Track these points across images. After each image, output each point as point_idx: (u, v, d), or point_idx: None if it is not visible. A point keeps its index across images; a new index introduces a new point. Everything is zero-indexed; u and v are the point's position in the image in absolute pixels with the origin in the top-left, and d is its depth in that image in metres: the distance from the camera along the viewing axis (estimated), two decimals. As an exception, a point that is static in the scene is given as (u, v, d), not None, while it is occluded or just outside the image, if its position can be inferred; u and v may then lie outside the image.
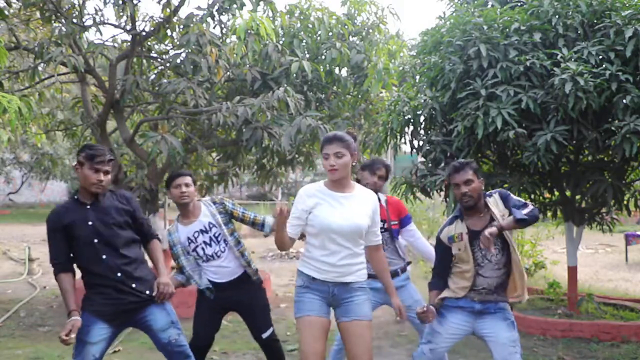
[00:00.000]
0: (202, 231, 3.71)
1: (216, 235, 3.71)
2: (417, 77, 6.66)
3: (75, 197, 3.20)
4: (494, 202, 3.23)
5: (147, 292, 3.19)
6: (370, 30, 8.21)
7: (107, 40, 7.19)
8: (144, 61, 7.57)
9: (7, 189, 23.40)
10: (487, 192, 3.34)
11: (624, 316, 6.08)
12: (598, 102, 4.83)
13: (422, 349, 3.30)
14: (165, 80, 6.85)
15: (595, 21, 5.26)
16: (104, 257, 3.11)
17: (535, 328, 5.86)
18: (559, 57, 4.95)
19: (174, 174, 3.79)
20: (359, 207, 3.08)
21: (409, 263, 4.01)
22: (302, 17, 7.85)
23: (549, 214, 6.52)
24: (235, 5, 6.38)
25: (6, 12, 6.73)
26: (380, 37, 8.25)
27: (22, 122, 5.35)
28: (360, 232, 3.05)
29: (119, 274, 3.12)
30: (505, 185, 5.61)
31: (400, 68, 7.46)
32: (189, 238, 3.71)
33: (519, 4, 5.86)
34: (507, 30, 5.32)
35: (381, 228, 3.47)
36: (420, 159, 6.32)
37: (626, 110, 4.84)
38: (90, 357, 3.03)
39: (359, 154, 8.95)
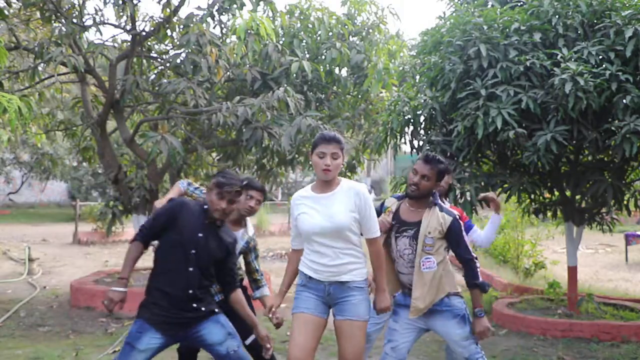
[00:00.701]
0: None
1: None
2: (417, 77, 6.66)
3: (206, 207, 3.19)
4: (437, 216, 3.15)
5: (203, 308, 3.14)
6: (370, 30, 8.21)
7: (107, 40, 7.20)
8: (144, 61, 7.57)
9: (7, 189, 23.35)
10: (451, 211, 3.26)
11: (624, 316, 6.08)
12: (598, 102, 4.83)
13: (385, 350, 3.29)
14: (165, 80, 6.85)
15: (595, 21, 5.26)
16: (190, 269, 3.07)
17: (535, 328, 5.86)
18: (559, 57, 4.95)
19: (252, 184, 3.69)
20: (340, 205, 3.02)
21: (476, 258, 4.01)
22: (302, 17, 7.86)
23: (549, 214, 6.53)
24: (235, 5, 6.38)
25: (6, 12, 6.73)
26: (380, 37, 8.25)
27: (22, 122, 5.35)
28: (343, 230, 3.00)
29: (190, 291, 3.07)
30: (505, 185, 5.62)
31: (400, 68, 7.47)
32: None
33: (519, 4, 5.86)
34: (507, 30, 5.32)
35: None
36: (420, 159, 6.31)
37: (626, 110, 4.84)
38: None
39: (360, 154, 8.97)
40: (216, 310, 3.19)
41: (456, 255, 3.22)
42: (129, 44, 7.25)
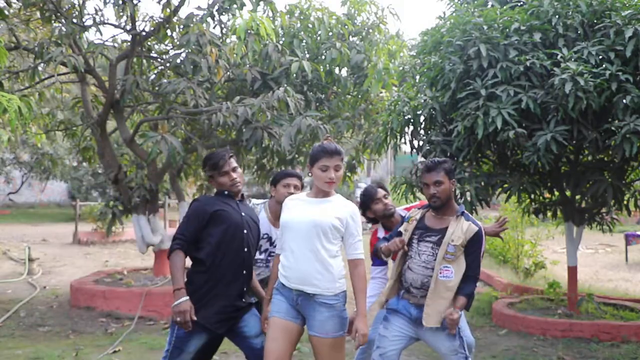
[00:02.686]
0: (269, 239, 3.64)
1: (271, 251, 3.63)
2: (417, 77, 6.66)
3: (224, 192, 3.25)
4: (462, 225, 3.13)
5: (249, 296, 3.23)
6: (370, 30, 8.22)
7: (107, 40, 7.20)
8: (144, 61, 7.57)
9: (7, 189, 23.36)
10: (472, 217, 3.25)
11: (624, 316, 6.08)
12: (598, 102, 4.83)
13: (373, 356, 3.26)
14: (165, 80, 6.85)
15: (595, 21, 5.26)
16: (245, 249, 3.14)
17: (535, 328, 5.86)
18: (559, 57, 4.95)
19: (286, 172, 3.73)
20: (326, 209, 2.99)
21: None
22: (302, 17, 7.86)
23: (549, 214, 6.53)
24: (235, 5, 6.38)
25: (6, 12, 6.73)
26: (380, 37, 8.25)
27: (22, 122, 5.34)
28: (317, 230, 2.93)
29: (244, 272, 3.14)
30: (505, 185, 5.62)
31: (400, 68, 7.47)
32: (263, 234, 3.60)
33: (519, 4, 5.86)
34: (507, 30, 5.32)
35: None
36: (420, 159, 6.32)
37: (626, 110, 4.84)
38: None
39: (360, 154, 8.97)
40: (252, 301, 3.26)
41: (465, 266, 3.13)
42: (129, 44, 7.24)
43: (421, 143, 6.21)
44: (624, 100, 4.84)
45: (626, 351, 5.28)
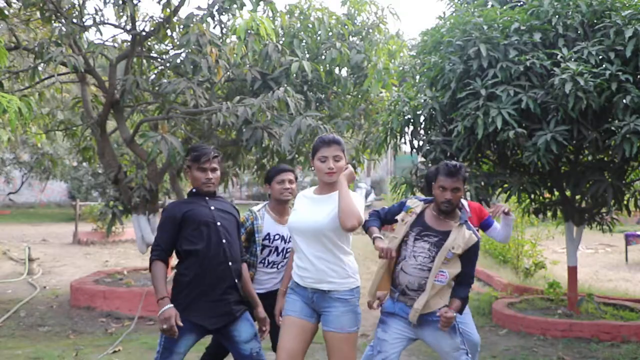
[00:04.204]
0: (283, 238, 3.59)
1: (287, 250, 3.60)
2: (417, 77, 6.66)
3: (193, 191, 3.25)
4: (464, 234, 3.09)
5: (241, 294, 3.19)
6: (370, 30, 8.21)
7: (107, 40, 7.20)
8: (144, 61, 7.57)
9: (7, 189, 23.35)
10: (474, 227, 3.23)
11: (624, 316, 6.08)
12: (598, 102, 4.83)
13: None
14: (165, 80, 6.85)
15: (595, 21, 5.26)
16: (224, 240, 3.11)
17: (535, 328, 5.86)
18: (559, 57, 4.95)
19: (279, 168, 3.70)
20: (332, 209, 2.96)
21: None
22: (302, 17, 7.85)
23: (549, 214, 6.53)
24: (235, 5, 6.38)
25: (6, 12, 6.73)
26: (380, 37, 8.25)
27: (22, 122, 5.35)
28: (322, 230, 2.93)
29: (229, 263, 3.12)
30: (505, 185, 5.62)
31: (400, 68, 7.47)
32: (269, 235, 3.57)
33: (519, 4, 5.87)
34: (507, 30, 5.32)
35: None
36: (420, 159, 6.32)
37: (626, 110, 4.84)
38: None
39: (360, 154, 8.97)
40: (246, 307, 3.23)
41: (461, 273, 3.12)
42: (129, 44, 7.24)
43: (421, 143, 6.21)
44: (624, 100, 4.84)
45: (626, 351, 5.28)
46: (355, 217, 2.87)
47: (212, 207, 3.18)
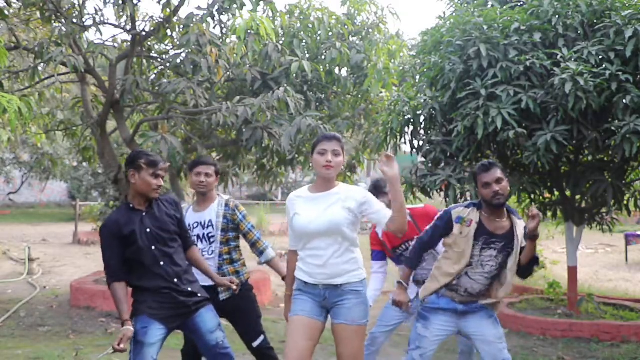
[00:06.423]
0: (200, 224, 3.64)
1: (209, 235, 3.63)
2: (417, 77, 6.66)
3: (129, 204, 3.17)
4: (519, 224, 3.11)
5: (199, 294, 3.20)
6: (370, 30, 8.21)
7: (107, 40, 7.20)
8: (144, 61, 7.57)
9: (7, 189, 23.37)
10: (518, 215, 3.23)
11: (624, 316, 6.08)
12: (598, 102, 4.83)
13: (412, 356, 3.23)
14: (165, 80, 6.85)
15: (595, 21, 5.26)
16: (162, 263, 3.10)
17: (535, 328, 5.86)
18: (559, 57, 4.95)
19: (198, 160, 3.71)
20: (337, 202, 2.99)
21: None
22: (302, 17, 7.86)
23: (549, 214, 6.53)
24: (235, 5, 6.38)
25: (6, 12, 6.73)
26: (380, 37, 8.25)
27: (22, 122, 5.35)
28: (339, 227, 2.95)
29: (175, 280, 3.12)
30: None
31: (400, 68, 7.47)
32: (189, 224, 3.62)
33: (519, 4, 5.87)
34: (507, 30, 5.32)
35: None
36: (420, 159, 6.32)
37: (626, 110, 4.84)
38: (149, 358, 3.02)
39: (360, 154, 8.97)
40: (208, 298, 3.24)
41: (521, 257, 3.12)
42: (129, 44, 7.24)
43: (421, 143, 6.22)
44: (624, 100, 4.84)
45: (626, 351, 5.28)
46: (406, 223, 2.97)
47: (148, 230, 3.11)
